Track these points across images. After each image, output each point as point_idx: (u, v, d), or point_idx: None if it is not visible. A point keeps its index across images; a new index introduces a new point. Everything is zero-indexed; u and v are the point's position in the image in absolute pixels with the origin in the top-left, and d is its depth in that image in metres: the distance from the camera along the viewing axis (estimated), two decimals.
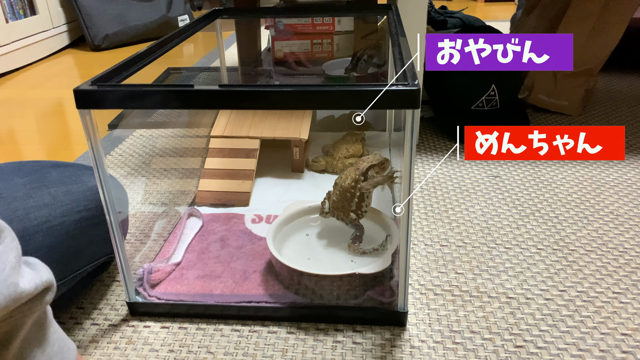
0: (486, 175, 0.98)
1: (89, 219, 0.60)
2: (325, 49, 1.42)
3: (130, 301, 0.64)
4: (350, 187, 0.69)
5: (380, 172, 0.70)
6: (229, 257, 0.72)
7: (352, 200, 0.69)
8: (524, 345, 0.59)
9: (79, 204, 0.60)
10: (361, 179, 0.69)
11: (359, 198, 0.69)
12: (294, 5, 1.36)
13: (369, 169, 0.70)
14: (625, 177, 0.96)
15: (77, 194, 0.60)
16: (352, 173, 0.70)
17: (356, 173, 0.70)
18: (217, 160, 0.91)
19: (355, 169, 0.70)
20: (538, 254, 0.74)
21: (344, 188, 0.70)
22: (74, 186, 0.61)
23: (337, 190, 0.71)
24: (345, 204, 0.70)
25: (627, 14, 1.18)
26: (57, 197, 0.59)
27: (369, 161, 0.70)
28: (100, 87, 0.51)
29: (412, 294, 0.67)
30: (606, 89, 1.45)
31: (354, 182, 0.69)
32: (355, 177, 0.69)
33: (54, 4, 2.10)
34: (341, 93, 0.48)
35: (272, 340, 0.60)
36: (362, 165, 0.70)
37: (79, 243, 0.60)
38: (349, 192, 0.69)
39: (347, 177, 0.70)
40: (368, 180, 0.69)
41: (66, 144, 1.21)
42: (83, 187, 0.61)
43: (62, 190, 0.60)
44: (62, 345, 0.46)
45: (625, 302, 0.65)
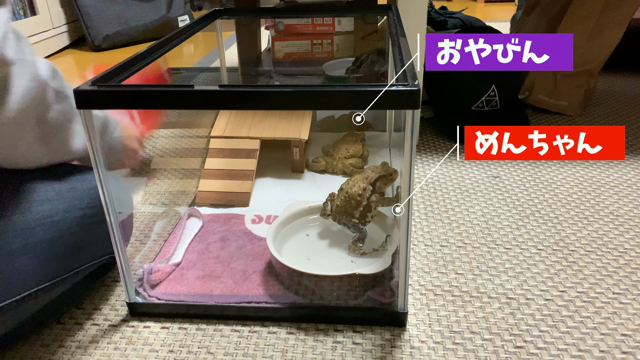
0: (486, 175, 0.98)
1: (91, 217, 0.61)
2: (325, 49, 1.42)
3: (130, 301, 0.64)
4: (356, 194, 0.69)
5: (388, 183, 0.70)
6: (229, 258, 0.72)
7: (357, 208, 0.69)
8: (524, 345, 0.59)
9: (82, 201, 0.60)
10: (369, 188, 0.69)
11: (364, 208, 0.69)
12: (294, 5, 1.36)
13: (378, 180, 0.69)
14: (625, 177, 0.96)
15: (81, 192, 0.61)
16: (360, 182, 0.70)
17: (364, 182, 0.69)
18: (217, 160, 0.91)
19: (363, 178, 0.70)
20: (538, 255, 0.74)
21: (350, 195, 0.70)
22: (78, 184, 0.62)
23: (343, 196, 0.71)
24: (350, 210, 0.70)
25: (627, 14, 1.18)
26: (61, 193, 0.60)
27: (378, 172, 0.70)
28: (100, 87, 0.51)
29: (412, 295, 0.67)
30: (606, 89, 1.45)
31: (362, 191, 0.69)
32: (364, 187, 0.69)
33: (54, 4, 2.10)
34: (341, 93, 0.48)
35: (272, 340, 0.60)
36: (371, 175, 0.70)
37: (80, 240, 0.60)
38: (355, 199, 0.69)
39: (354, 185, 0.70)
40: (379, 198, 0.69)
41: None
42: (87, 186, 0.62)
43: (67, 187, 0.61)
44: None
45: (625, 303, 0.65)
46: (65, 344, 0.60)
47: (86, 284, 0.66)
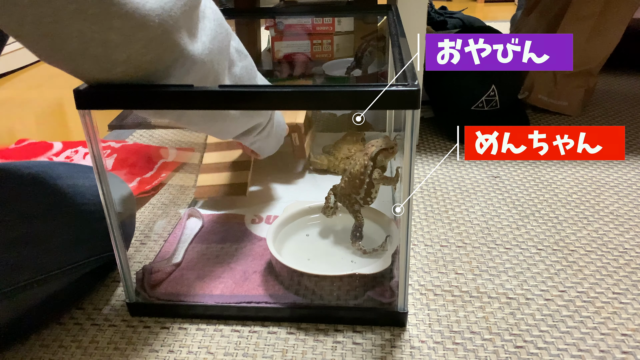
0: (486, 175, 0.98)
1: (91, 213, 0.61)
2: (325, 49, 1.42)
3: (130, 301, 0.64)
4: (359, 173, 0.68)
5: (389, 157, 0.68)
6: (229, 258, 0.72)
7: (361, 186, 0.68)
8: (524, 345, 0.59)
9: (82, 197, 0.61)
10: (370, 164, 0.67)
11: (368, 185, 0.68)
12: (294, 5, 1.36)
13: (379, 154, 0.68)
14: (625, 177, 0.96)
15: (82, 188, 0.62)
16: (360, 158, 0.68)
17: (364, 159, 0.68)
18: (214, 154, 0.92)
19: (363, 154, 0.68)
20: (538, 255, 0.74)
21: (353, 174, 0.69)
22: (79, 181, 0.63)
23: (346, 177, 0.70)
24: (354, 190, 0.69)
25: (627, 14, 1.19)
26: (62, 188, 0.60)
27: (378, 145, 0.68)
28: (100, 87, 0.51)
29: (412, 295, 0.67)
30: (606, 89, 1.45)
31: (364, 168, 0.68)
32: (365, 163, 0.68)
33: None
34: (341, 93, 0.48)
35: (272, 340, 0.60)
36: (371, 149, 0.68)
37: (80, 234, 0.60)
38: (359, 178, 0.68)
39: (355, 163, 0.69)
40: (381, 175, 0.68)
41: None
42: (89, 183, 0.63)
43: (68, 183, 0.61)
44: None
45: (625, 303, 0.65)
46: (65, 344, 0.60)
47: (87, 284, 0.66)
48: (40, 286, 0.57)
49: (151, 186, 0.94)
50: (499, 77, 1.11)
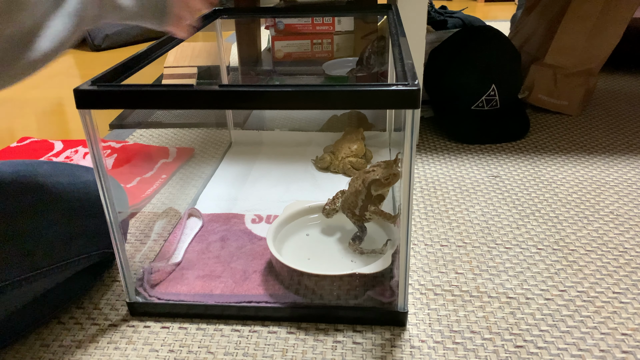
0: (486, 175, 0.98)
1: (80, 210, 0.61)
2: (325, 49, 1.42)
3: (130, 301, 0.64)
4: (354, 195, 0.69)
5: (382, 188, 0.66)
6: (229, 257, 0.72)
7: (356, 207, 0.69)
8: (524, 345, 0.59)
9: (69, 194, 0.61)
10: (364, 191, 0.67)
11: (361, 209, 0.69)
12: (294, 5, 1.36)
13: (372, 183, 0.66)
14: (625, 177, 0.96)
15: (68, 186, 0.61)
16: (357, 181, 0.68)
17: (359, 184, 0.68)
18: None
19: (361, 181, 0.68)
20: (538, 254, 0.74)
21: (350, 192, 0.70)
22: (64, 178, 0.62)
23: (349, 191, 0.71)
24: (351, 207, 0.70)
25: (627, 14, 1.18)
26: (45, 186, 0.60)
27: (376, 174, 0.66)
28: (100, 87, 0.51)
29: (412, 294, 0.67)
30: (606, 89, 1.45)
31: (357, 193, 0.68)
32: (359, 189, 0.68)
33: None
34: (341, 93, 0.48)
35: (272, 340, 0.60)
36: (368, 177, 0.67)
37: (69, 231, 0.60)
38: (353, 200, 0.69)
39: (354, 182, 0.69)
40: (376, 210, 0.67)
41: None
42: (76, 180, 0.62)
43: (51, 181, 0.61)
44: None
45: (625, 302, 0.65)
46: (65, 343, 0.60)
47: (81, 282, 0.66)
48: (30, 284, 0.57)
49: (146, 195, 0.93)
50: (499, 77, 1.11)
